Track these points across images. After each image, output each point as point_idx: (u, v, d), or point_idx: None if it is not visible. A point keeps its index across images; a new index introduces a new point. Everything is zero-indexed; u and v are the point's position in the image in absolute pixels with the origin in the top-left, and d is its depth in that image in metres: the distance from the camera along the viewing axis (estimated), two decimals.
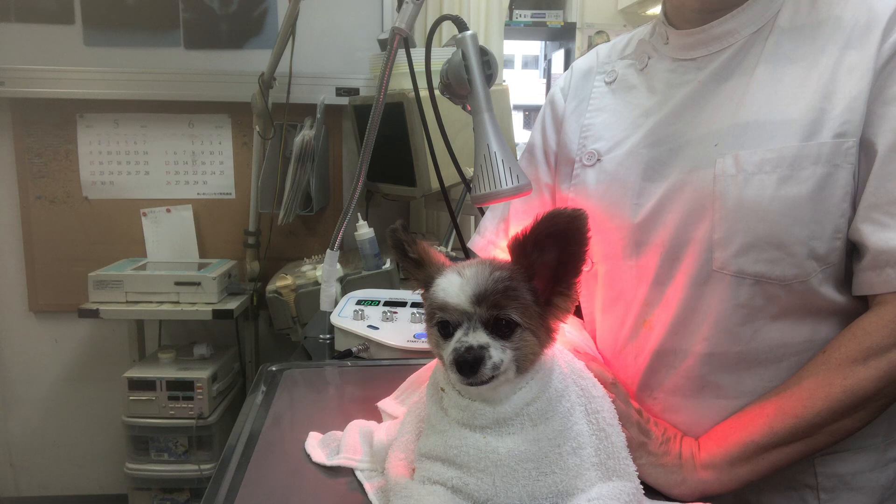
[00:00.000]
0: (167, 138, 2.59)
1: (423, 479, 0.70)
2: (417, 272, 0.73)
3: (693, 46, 0.90)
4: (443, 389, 0.72)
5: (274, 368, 1.17)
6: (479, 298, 0.65)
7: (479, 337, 0.65)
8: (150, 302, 2.27)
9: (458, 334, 0.65)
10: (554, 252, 0.68)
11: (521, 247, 0.68)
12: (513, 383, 0.68)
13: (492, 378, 0.65)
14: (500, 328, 0.65)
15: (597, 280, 0.98)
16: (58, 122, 2.53)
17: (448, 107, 1.20)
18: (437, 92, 1.20)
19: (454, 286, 0.66)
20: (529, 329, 0.66)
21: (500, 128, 1.07)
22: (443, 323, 0.68)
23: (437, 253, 0.74)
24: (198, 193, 2.65)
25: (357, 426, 0.90)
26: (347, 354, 1.31)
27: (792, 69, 0.81)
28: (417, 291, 0.75)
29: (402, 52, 1.32)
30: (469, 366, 0.63)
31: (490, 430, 0.68)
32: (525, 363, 0.67)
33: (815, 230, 0.77)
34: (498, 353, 0.64)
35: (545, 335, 0.68)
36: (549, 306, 0.69)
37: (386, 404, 0.96)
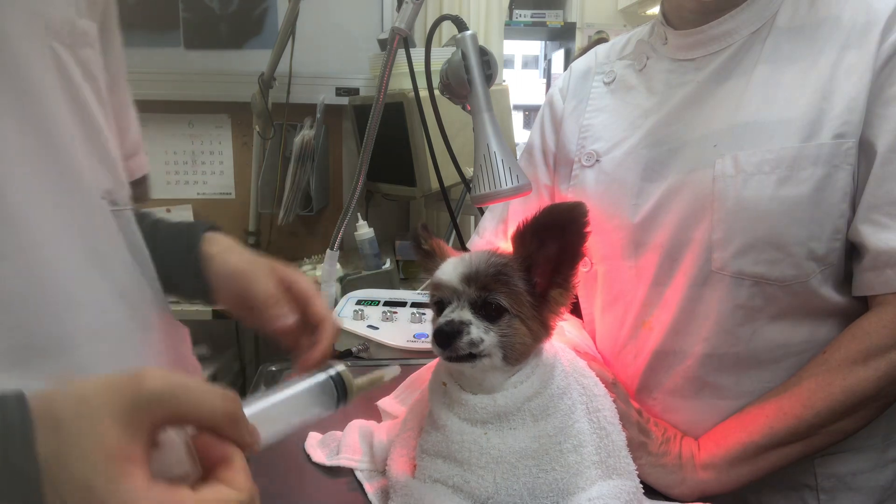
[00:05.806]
0: (167, 138, 2.59)
1: (423, 478, 0.70)
2: (429, 263, 0.76)
3: (692, 47, 0.90)
4: (444, 384, 0.72)
5: (274, 368, 1.17)
6: (469, 278, 0.67)
7: (463, 314, 0.66)
8: None
9: (446, 311, 0.68)
10: (554, 246, 0.69)
11: (520, 237, 0.70)
12: (503, 371, 0.68)
13: (471, 356, 0.66)
14: (489, 311, 0.67)
15: (596, 280, 0.98)
16: None
17: (448, 107, 1.20)
18: (436, 92, 1.20)
19: (450, 266, 0.70)
20: (519, 317, 0.67)
21: (500, 128, 1.07)
22: (438, 304, 0.70)
23: (448, 247, 0.78)
24: (198, 193, 2.64)
25: (357, 426, 0.90)
26: (347, 354, 1.31)
27: (791, 69, 0.81)
28: (422, 290, 0.76)
29: (402, 52, 1.32)
30: (445, 336, 0.65)
31: (491, 425, 0.68)
32: (513, 352, 0.67)
33: (815, 231, 0.77)
34: (478, 331, 0.65)
35: (538, 327, 0.69)
36: (545, 300, 0.70)
37: (386, 404, 0.96)
